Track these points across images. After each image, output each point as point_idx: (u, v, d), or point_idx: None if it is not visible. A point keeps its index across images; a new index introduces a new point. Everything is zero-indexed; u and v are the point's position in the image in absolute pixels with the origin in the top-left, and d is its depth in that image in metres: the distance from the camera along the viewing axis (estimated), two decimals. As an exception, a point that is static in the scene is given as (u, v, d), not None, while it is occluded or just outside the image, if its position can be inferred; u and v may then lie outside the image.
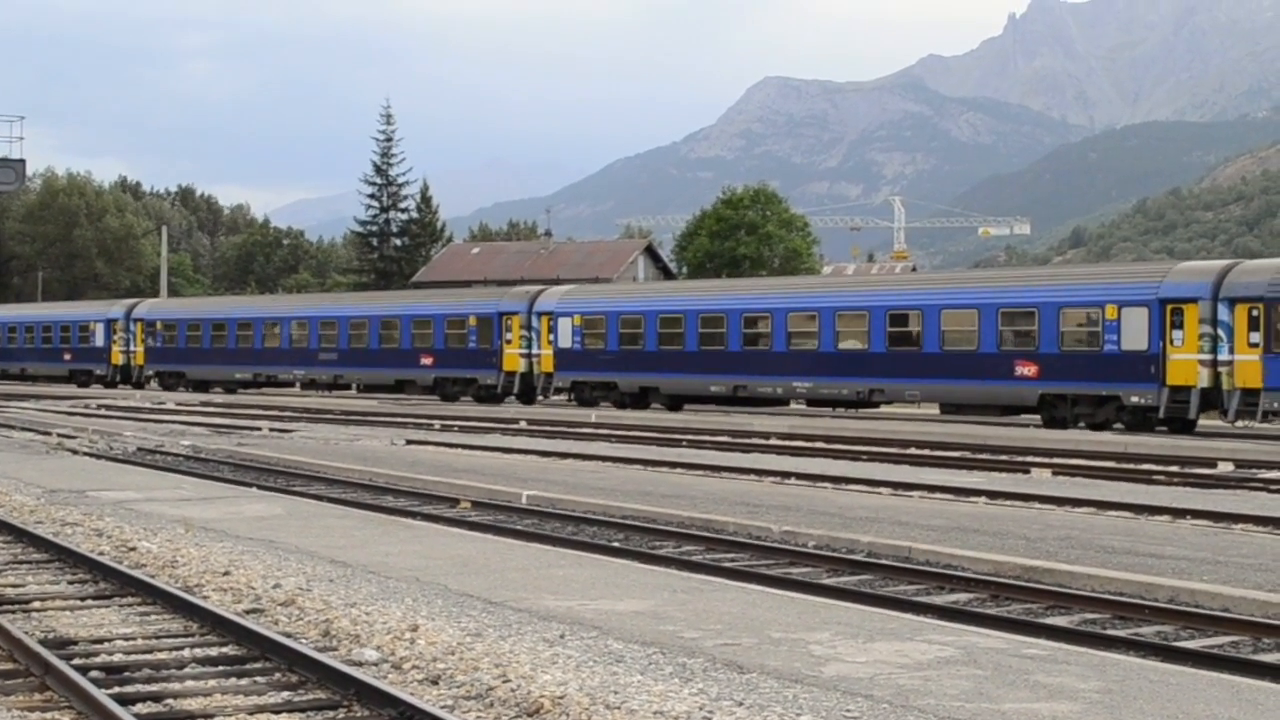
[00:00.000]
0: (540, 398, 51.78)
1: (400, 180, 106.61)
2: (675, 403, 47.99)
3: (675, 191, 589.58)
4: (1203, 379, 34.62)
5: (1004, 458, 28.38)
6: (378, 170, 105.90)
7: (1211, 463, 26.78)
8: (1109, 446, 30.35)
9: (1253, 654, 11.00)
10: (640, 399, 48.13)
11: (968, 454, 29.48)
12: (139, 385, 67.51)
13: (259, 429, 37.82)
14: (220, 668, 9.61)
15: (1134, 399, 35.73)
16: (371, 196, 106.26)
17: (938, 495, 21.05)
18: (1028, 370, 37.89)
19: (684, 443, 32.77)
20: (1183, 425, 35.67)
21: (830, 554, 15.63)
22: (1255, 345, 33.79)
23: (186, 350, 65.84)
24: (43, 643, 10.08)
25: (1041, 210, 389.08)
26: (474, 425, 39.34)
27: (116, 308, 71.95)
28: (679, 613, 11.08)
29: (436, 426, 38.90)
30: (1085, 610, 12.65)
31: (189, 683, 9.21)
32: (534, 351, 50.76)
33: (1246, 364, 33.88)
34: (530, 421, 40.29)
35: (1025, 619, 12.23)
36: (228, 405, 50.89)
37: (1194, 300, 34.91)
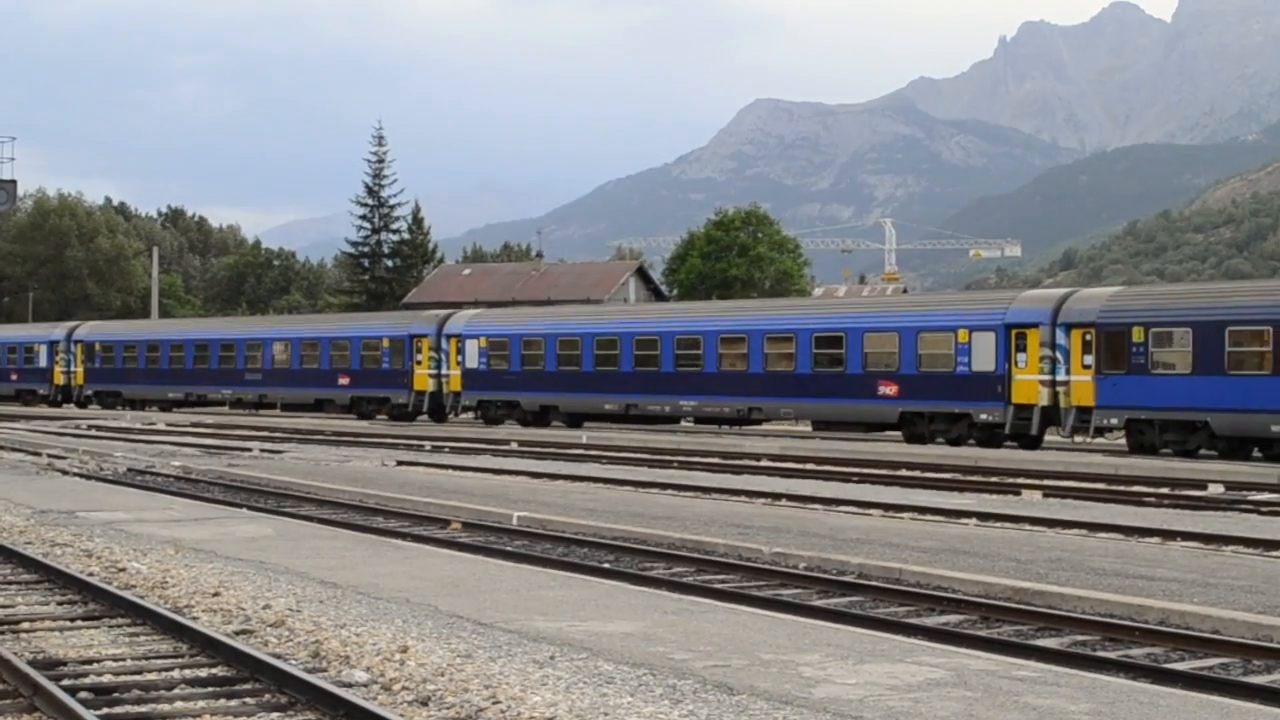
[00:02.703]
0: (451, 415, 54.68)
1: (392, 201, 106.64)
2: (574, 420, 50.32)
3: (667, 213, 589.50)
4: (1044, 398, 37.39)
5: (995, 479, 28.40)
6: (369, 191, 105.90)
7: (1202, 484, 26.82)
8: (1099, 469, 30.39)
9: (1243, 676, 11.00)
10: (541, 417, 50.56)
11: (958, 476, 29.47)
12: (81, 404, 69.92)
13: (249, 450, 37.78)
14: (210, 689, 9.58)
15: (983, 416, 38.55)
16: (363, 218, 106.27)
17: (928, 517, 21.06)
18: (889, 390, 40.72)
19: (675, 464, 32.77)
20: (1030, 441, 38.07)
21: (821, 575, 15.62)
22: (1089, 367, 36.56)
23: (123, 370, 68.91)
24: (32, 663, 10.04)
25: (1032, 232, 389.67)
26: (465, 446, 39.33)
27: (58, 330, 74.72)
28: (669, 634, 11.07)
29: (427, 447, 38.88)
30: (1076, 632, 12.65)
31: (178, 704, 9.18)
32: (443, 372, 53.82)
33: (1081, 384, 36.68)
34: (521, 443, 40.31)
35: (1016, 641, 12.23)
36: (218, 426, 50.91)
37: (1036, 325, 37.70)
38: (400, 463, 33.25)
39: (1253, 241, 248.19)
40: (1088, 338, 36.63)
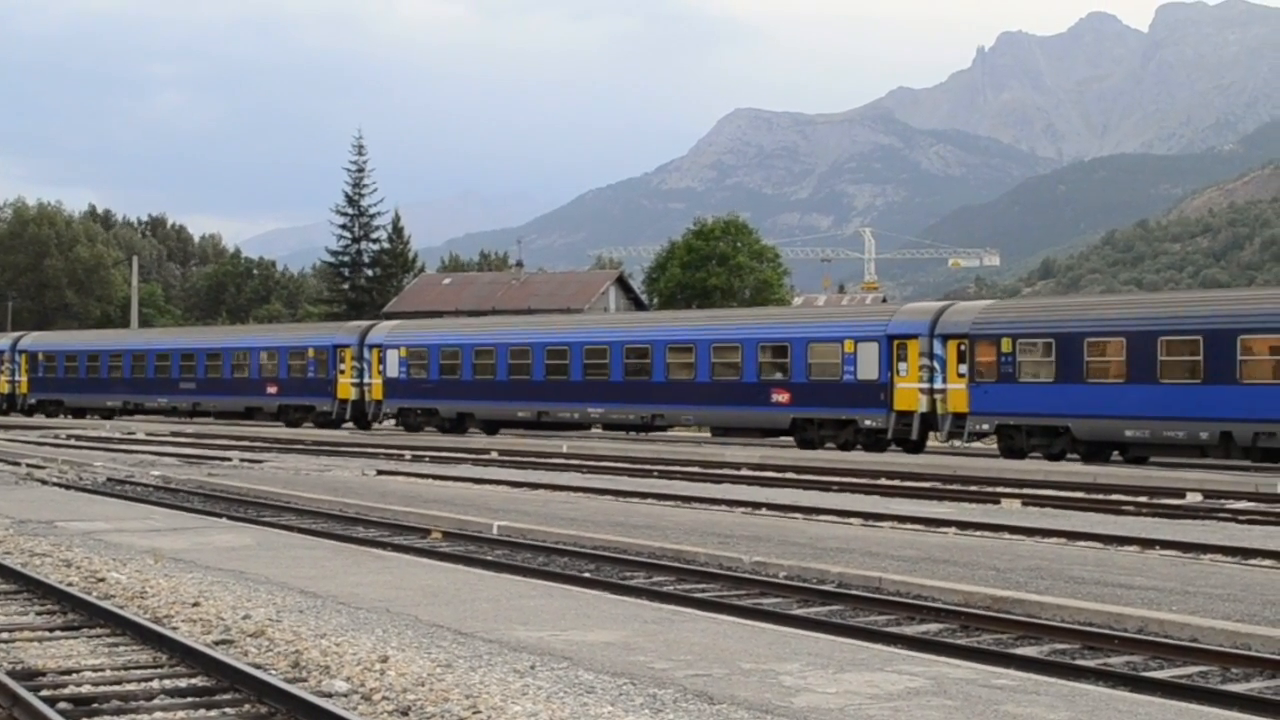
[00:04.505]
0: (374, 424, 56.66)
1: (372, 210, 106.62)
2: (490, 427, 52.24)
3: (647, 222, 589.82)
4: (923, 405, 39.41)
5: (974, 488, 28.47)
6: (349, 200, 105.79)
7: (1180, 493, 26.92)
8: (1078, 477, 30.48)
9: (1221, 684, 11.04)
10: (458, 424, 52.62)
11: (938, 484, 29.55)
12: (27, 413, 71.33)
13: (229, 459, 37.70)
14: (189, 699, 9.56)
15: (867, 422, 40.53)
16: (343, 227, 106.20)
17: (908, 526, 21.10)
18: (782, 397, 42.73)
19: (655, 473, 32.78)
20: (913, 445, 40.05)
21: (801, 584, 15.64)
22: (963, 375, 38.39)
23: (65, 380, 70.68)
24: (10, 674, 10.01)
25: (1011, 242, 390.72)
26: (445, 456, 39.30)
27: (3, 340, 76.48)
28: (650, 643, 11.08)
29: (407, 457, 38.84)
30: (1055, 641, 12.68)
31: (158, 714, 9.16)
32: (365, 381, 55.81)
33: (956, 392, 38.53)
34: (501, 452, 40.30)
35: (995, 649, 12.26)
36: (198, 436, 50.80)
37: (915, 336, 39.67)
38: (380, 472, 33.22)
39: (1229, 251, 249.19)
40: (962, 348, 38.36)
